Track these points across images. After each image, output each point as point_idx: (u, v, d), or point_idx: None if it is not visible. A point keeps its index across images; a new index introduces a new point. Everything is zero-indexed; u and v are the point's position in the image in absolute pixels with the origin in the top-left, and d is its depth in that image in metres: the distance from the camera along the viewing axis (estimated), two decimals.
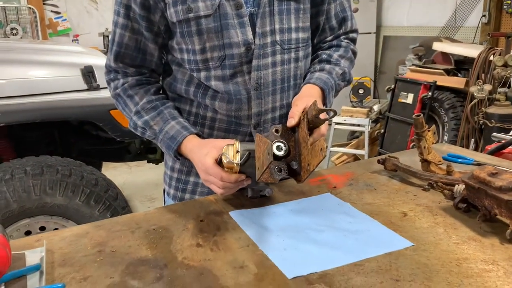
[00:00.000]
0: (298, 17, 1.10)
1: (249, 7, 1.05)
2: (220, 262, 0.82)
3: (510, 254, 0.84)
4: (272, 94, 1.10)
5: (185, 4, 1.01)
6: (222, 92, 1.08)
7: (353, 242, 0.88)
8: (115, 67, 1.12)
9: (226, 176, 0.95)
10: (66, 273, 0.80)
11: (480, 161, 1.36)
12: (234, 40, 1.04)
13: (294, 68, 1.13)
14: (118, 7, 1.07)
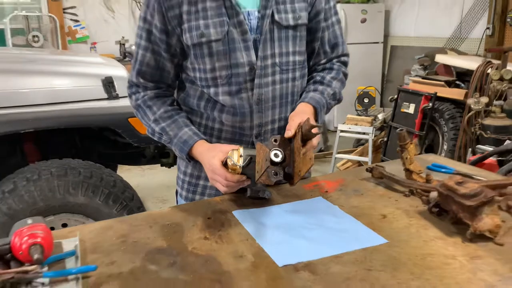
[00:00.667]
0: (295, 43, 1.27)
1: (253, 34, 1.23)
2: (223, 252, 0.99)
3: (468, 250, 0.99)
4: (272, 108, 1.28)
5: (199, 30, 1.19)
6: (228, 106, 1.25)
7: (336, 238, 1.04)
8: (137, 82, 1.30)
9: (230, 176, 1.11)
10: (96, 258, 0.97)
11: (460, 170, 1.51)
12: (240, 61, 1.21)
13: (291, 86, 1.30)
14: (140, 31, 1.26)
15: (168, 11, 1.19)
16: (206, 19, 1.19)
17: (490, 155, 1.63)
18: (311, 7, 1.28)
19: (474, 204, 1.03)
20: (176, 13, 1.19)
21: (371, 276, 0.90)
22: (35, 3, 5.08)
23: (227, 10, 1.19)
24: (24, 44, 4.77)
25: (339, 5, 5.72)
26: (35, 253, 0.84)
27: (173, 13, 1.19)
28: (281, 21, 1.23)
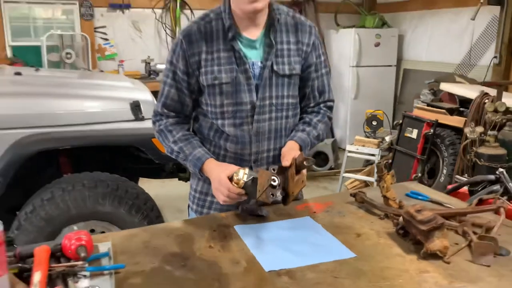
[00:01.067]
0: (289, 88, 1.56)
1: (255, 80, 1.51)
2: (223, 258, 1.25)
3: (420, 266, 1.23)
4: (268, 140, 1.56)
5: (213, 74, 1.48)
6: (232, 136, 1.54)
7: (315, 251, 1.29)
8: (161, 112, 1.59)
9: (232, 188, 1.38)
10: (124, 259, 1.24)
11: (434, 198, 1.74)
12: (244, 100, 1.51)
13: (284, 123, 1.58)
14: (167, 72, 1.55)
15: (190, 58, 1.49)
16: (220, 66, 1.48)
17: (463, 186, 1.85)
18: (304, 60, 1.57)
19: (427, 228, 1.27)
20: (196, 59, 1.49)
21: (337, 282, 1.15)
22: (69, 23, 5.49)
23: (236, 60, 1.49)
24: (57, 61, 5.16)
25: (354, 29, 5.98)
26: (81, 252, 1.12)
27: (194, 60, 1.49)
28: (278, 71, 1.52)
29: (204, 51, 1.48)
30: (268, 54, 1.50)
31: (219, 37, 1.48)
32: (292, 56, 1.53)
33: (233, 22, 1.47)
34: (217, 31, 1.48)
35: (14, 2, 5.21)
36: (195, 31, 1.48)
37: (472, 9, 4.79)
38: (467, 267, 1.23)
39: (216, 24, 1.48)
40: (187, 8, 5.79)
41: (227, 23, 1.47)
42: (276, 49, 1.50)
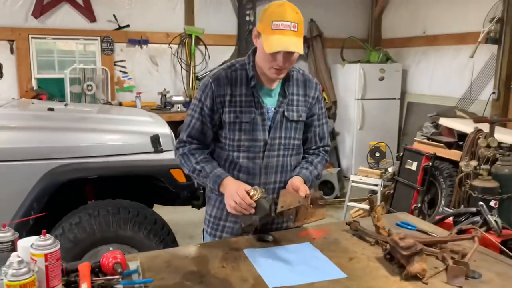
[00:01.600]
0: (296, 132, 1.83)
1: (269, 122, 1.79)
2: (234, 277, 1.48)
3: (401, 286, 1.44)
4: (275, 173, 1.82)
5: (235, 114, 1.76)
6: (244, 167, 1.79)
7: (312, 272, 1.52)
8: (186, 140, 1.83)
9: (246, 197, 1.60)
10: (151, 275, 1.47)
11: (421, 228, 1.96)
12: (258, 138, 1.78)
13: (289, 160, 1.85)
14: (195, 107, 1.80)
15: (216, 98, 1.76)
16: (241, 107, 1.76)
17: (448, 217, 2.07)
18: (309, 110, 1.86)
19: (407, 253, 1.49)
20: (222, 100, 1.76)
21: None
22: (91, 57, 5.87)
23: (255, 104, 1.77)
24: (79, 92, 5.51)
25: (359, 64, 6.28)
26: (118, 268, 1.36)
27: (220, 100, 1.76)
28: (288, 117, 1.81)
29: (229, 93, 1.75)
30: (281, 102, 1.79)
31: (243, 84, 1.76)
32: (300, 106, 1.83)
33: (256, 74, 1.77)
34: (241, 79, 1.77)
35: (41, 38, 5.61)
36: (223, 76, 1.77)
37: (472, 46, 5.08)
38: (441, 286, 1.44)
39: (240, 73, 1.77)
40: (201, 44, 6.15)
41: (250, 74, 1.76)
42: (288, 99, 1.80)
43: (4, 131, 2.61)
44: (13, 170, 2.57)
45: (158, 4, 5.98)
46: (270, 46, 1.60)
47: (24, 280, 1.06)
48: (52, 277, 1.18)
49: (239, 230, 1.75)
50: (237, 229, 1.77)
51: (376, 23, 7.06)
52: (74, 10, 5.60)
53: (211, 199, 1.89)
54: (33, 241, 1.19)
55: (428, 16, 6.19)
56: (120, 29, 5.82)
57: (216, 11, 6.27)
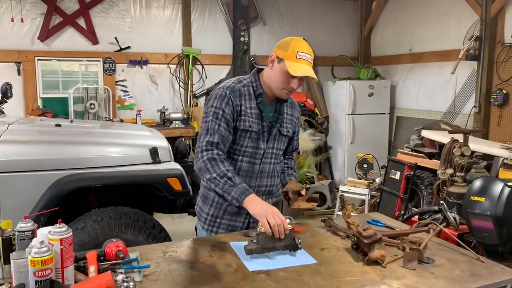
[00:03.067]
0: (283, 144, 2.18)
1: (266, 134, 2.07)
2: (220, 263, 1.72)
3: (363, 269, 1.68)
4: (267, 177, 2.12)
5: (249, 123, 2.02)
6: (245, 170, 2.07)
7: (287, 259, 1.76)
8: (211, 140, 1.95)
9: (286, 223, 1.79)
10: (148, 262, 1.72)
11: (388, 224, 2.20)
12: (260, 146, 2.07)
13: (276, 167, 2.17)
14: (215, 114, 1.97)
15: (234, 107, 2.00)
16: (252, 118, 2.04)
17: (414, 215, 2.31)
18: (294, 128, 2.20)
19: (368, 241, 1.74)
20: (238, 109, 2.01)
21: (299, 278, 1.61)
22: (94, 77, 6.17)
23: (261, 119, 2.06)
24: (82, 110, 5.79)
25: (349, 81, 6.58)
26: (120, 254, 1.61)
27: (236, 109, 2.01)
28: (281, 131, 2.13)
29: (243, 104, 2.02)
30: (277, 118, 2.11)
31: (251, 98, 2.05)
32: (288, 123, 2.17)
33: (263, 91, 2.05)
34: (249, 94, 2.05)
35: (46, 59, 5.92)
36: (236, 89, 2.03)
37: (454, 63, 5.38)
38: (398, 270, 1.69)
39: (248, 89, 2.05)
40: (198, 63, 6.46)
41: (259, 91, 2.04)
42: (282, 116, 2.13)
43: (15, 145, 2.87)
44: (23, 180, 2.81)
45: (157, 26, 6.31)
46: (297, 71, 1.92)
47: (44, 257, 1.30)
48: (66, 258, 1.42)
49: (250, 248, 1.77)
50: (249, 248, 1.78)
51: (365, 41, 7.39)
52: (77, 33, 5.92)
53: (208, 198, 2.11)
54: (51, 229, 1.44)
55: (414, 35, 6.52)
56: (121, 51, 6.14)
57: (212, 32, 6.61)
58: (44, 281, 1.30)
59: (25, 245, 1.46)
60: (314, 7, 7.12)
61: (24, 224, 1.51)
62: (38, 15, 5.71)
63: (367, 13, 7.31)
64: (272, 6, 6.91)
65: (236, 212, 2.07)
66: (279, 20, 6.96)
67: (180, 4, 6.39)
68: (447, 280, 1.61)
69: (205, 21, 6.57)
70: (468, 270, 1.69)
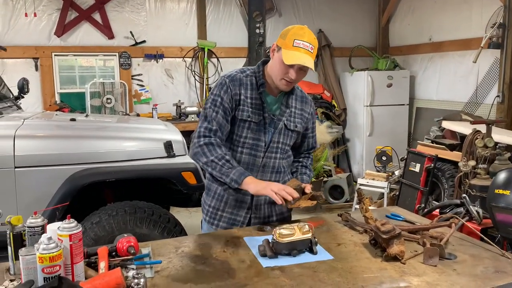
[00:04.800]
0: (291, 139, 2.08)
1: (271, 127, 2.00)
2: (233, 259, 1.68)
3: (381, 265, 1.62)
4: (270, 172, 2.04)
5: (247, 113, 1.96)
6: (244, 162, 2.00)
7: (302, 254, 1.71)
8: (213, 129, 1.92)
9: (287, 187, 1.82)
10: (160, 258, 1.69)
11: (408, 218, 2.13)
12: (261, 138, 1.99)
13: (282, 162, 2.08)
14: (213, 101, 1.94)
15: (233, 95, 1.95)
16: (252, 108, 1.97)
17: (435, 209, 2.23)
18: (305, 124, 2.11)
19: (387, 237, 1.67)
20: (237, 98, 1.96)
21: (314, 275, 1.56)
22: (110, 72, 6.19)
23: (263, 109, 1.98)
24: (99, 105, 5.82)
25: (367, 72, 6.45)
26: (131, 250, 1.58)
27: (235, 98, 1.95)
28: (288, 126, 2.04)
29: (242, 93, 1.96)
30: (284, 112, 2.03)
31: (253, 88, 1.98)
32: (297, 118, 2.07)
33: (266, 81, 1.99)
34: (251, 84, 1.99)
35: (63, 55, 5.95)
36: (237, 78, 1.98)
37: (476, 52, 5.21)
38: (418, 266, 1.62)
39: (251, 79, 1.99)
40: (213, 56, 6.42)
41: (260, 81, 1.98)
42: (289, 110, 2.04)
43: (31, 140, 2.87)
44: (39, 175, 2.82)
45: (172, 20, 6.29)
46: (290, 59, 1.84)
47: (52, 253, 1.28)
48: (75, 254, 1.40)
49: (264, 254, 1.71)
50: (263, 253, 1.71)
51: (383, 31, 7.23)
52: (93, 28, 5.94)
53: (211, 190, 2.08)
54: (60, 225, 1.42)
55: (433, 23, 6.35)
56: (137, 45, 6.14)
57: (227, 25, 6.56)
58: (53, 278, 1.28)
59: (35, 240, 1.44)
60: None
61: (34, 219, 1.50)
62: (55, 10, 5.74)
63: (385, 2, 7.15)
64: None
65: (237, 206, 2.03)
66: (295, 11, 6.86)
67: None
68: (470, 277, 1.53)
69: (220, 14, 6.52)
70: (493, 267, 1.61)
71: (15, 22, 5.61)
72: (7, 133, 2.81)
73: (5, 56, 5.32)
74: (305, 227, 1.72)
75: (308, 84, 6.73)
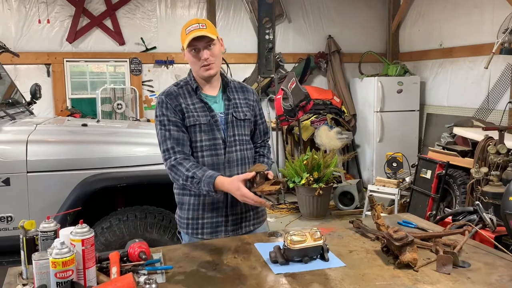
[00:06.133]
0: (245, 129, 2.11)
1: (223, 123, 2.04)
2: (244, 265, 1.67)
3: (394, 273, 1.61)
4: (236, 166, 2.06)
5: (194, 118, 1.99)
6: (209, 164, 2.01)
7: (314, 261, 1.70)
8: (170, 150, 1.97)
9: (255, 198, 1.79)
10: (171, 263, 1.69)
11: (420, 225, 2.10)
12: (217, 136, 2.02)
13: (245, 153, 2.10)
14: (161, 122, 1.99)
15: (175, 108, 1.98)
16: (197, 112, 2.01)
17: (448, 216, 2.20)
18: (252, 111, 2.15)
19: (400, 244, 1.65)
20: (179, 108, 1.99)
21: (326, 282, 1.54)
22: (121, 78, 6.24)
23: (207, 109, 2.02)
24: (109, 111, 5.87)
25: (377, 78, 6.43)
26: (143, 255, 1.58)
27: (177, 109, 1.99)
28: (237, 116, 2.08)
29: (183, 103, 2.00)
30: (228, 105, 2.07)
31: (191, 95, 2.04)
32: (244, 107, 2.12)
33: (198, 84, 2.05)
34: (188, 92, 2.05)
35: (74, 61, 6.02)
36: (171, 91, 2.03)
37: (487, 57, 5.16)
38: (431, 274, 1.60)
39: (186, 87, 2.06)
40: (223, 62, 6.44)
41: (194, 85, 2.04)
42: (232, 102, 2.08)
43: (44, 145, 2.90)
44: (50, 180, 2.85)
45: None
46: (185, 42, 1.94)
47: (65, 258, 1.28)
48: (87, 259, 1.40)
49: (275, 260, 1.70)
50: (274, 259, 1.71)
51: (393, 37, 7.21)
52: (104, 34, 6.00)
53: (184, 204, 2.08)
54: (72, 229, 1.42)
55: (444, 29, 6.32)
56: (148, 51, 6.19)
57: (237, 31, 6.59)
58: (65, 283, 1.28)
59: (48, 245, 1.44)
60: (340, 2, 7.00)
61: (47, 224, 1.50)
62: (67, 17, 5.81)
63: (395, 8, 7.13)
64: (297, 2, 6.82)
65: (215, 208, 2.04)
66: (304, 17, 6.87)
67: (205, 4, 6.39)
68: (484, 285, 1.51)
69: (230, 20, 6.55)
70: (508, 275, 1.59)
71: (28, 29, 5.69)
72: (19, 138, 2.85)
73: (18, 62, 5.39)
74: (317, 234, 1.71)
75: (318, 90, 6.73)
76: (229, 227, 2.06)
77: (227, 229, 2.06)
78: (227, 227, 2.06)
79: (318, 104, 6.51)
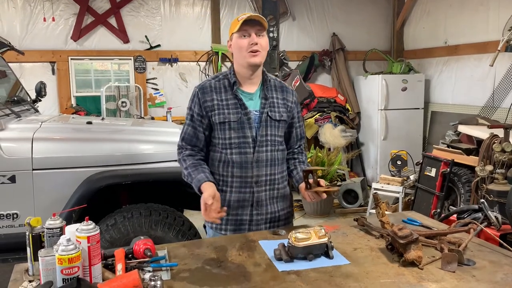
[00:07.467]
0: (279, 130, 2.08)
1: (256, 122, 2.02)
2: (248, 262, 1.68)
3: (398, 271, 1.60)
4: (265, 166, 2.04)
5: (223, 115, 1.99)
6: (237, 162, 2.01)
7: (319, 259, 1.70)
8: (181, 145, 2.08)
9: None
10: (176, 260, 1.69)
11: (425, 223, 2.10)
12: (247, 135, 2.01)
13: (276, 154, 2.08)
14: (187, 115, 2.06)
15: (203, 104, 2.00)
16: (228, 109, 2.00)
17: (452, 214, 2.20)
18: (289, 112, 2.11)
19: (404, 242, 1.65)
20: (209, 104, 2.00)
21: (331, 279, 1.55)
22: (125, 75, 6.26)
23: (241, 107, 2.01)
24: (114, 108, 5.88)
25: (381, 75, 6.42)
26: (148, 252, 1.59)
27: (207, 105, 2.00)
28: (272, 116, 2.05)
29: (215, 98, 2.00)
30: (264, 104, 2.04)
31: (227, 90, 2.02)
32: (281, 107, 2.08)
33: (237, 80, 2.03)
34: (225, 86, 2.03)
35: (79, 59, 6.04)
36: (208, 85, 2.03)
37: (493, 55, 5.14)
38: (436, 272, 1.60)
39: (223, 82, 2.04)
40: (227, 60, 6.45)
41: (232, 80, 2.03)
42: (269, 101, 2.05)
43: (49, 142, 2.91)
44: (55, 177, 2.86)
45: (186, 24, 6.33)
46: (237, 26, 1.93)
47: (71, 254, 1.29)
48: (93, 256, 1.41)
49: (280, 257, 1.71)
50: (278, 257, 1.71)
51: (397, 35, 7.19)
52: (109, 32, 6.01)
53: None
54: (78, 226, 1.43)
55: (449, 26, 6.29)
56: (152, 49, 6.20)
57: None
58: (71, 279, 1.29)
59: (54, 242, 1.45)
60: (344, 0, 6.98)
61: (52, 221, 1.51)
62: (71, 15, 5.83)
63: (400, 5, 7.11)
64: (302, 0, 6.81)
65: (241, 206, 2.05)
66: (309, 15, 6.86)
67: (209, 1, 6.39)
68: (489, 283, 1.51)
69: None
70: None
71: (33, 27, 5.71)
72: (25, 136, 2.86)
73: (23, 60, 5.41)
74: (322, 231, 1.71)
75: (322, 88, 6.72)
76: (253, 226, 2.07)
77: (251, 228, 2.06)
78: (251, 226, 2.07)
79: (322, 102, 6.50)
